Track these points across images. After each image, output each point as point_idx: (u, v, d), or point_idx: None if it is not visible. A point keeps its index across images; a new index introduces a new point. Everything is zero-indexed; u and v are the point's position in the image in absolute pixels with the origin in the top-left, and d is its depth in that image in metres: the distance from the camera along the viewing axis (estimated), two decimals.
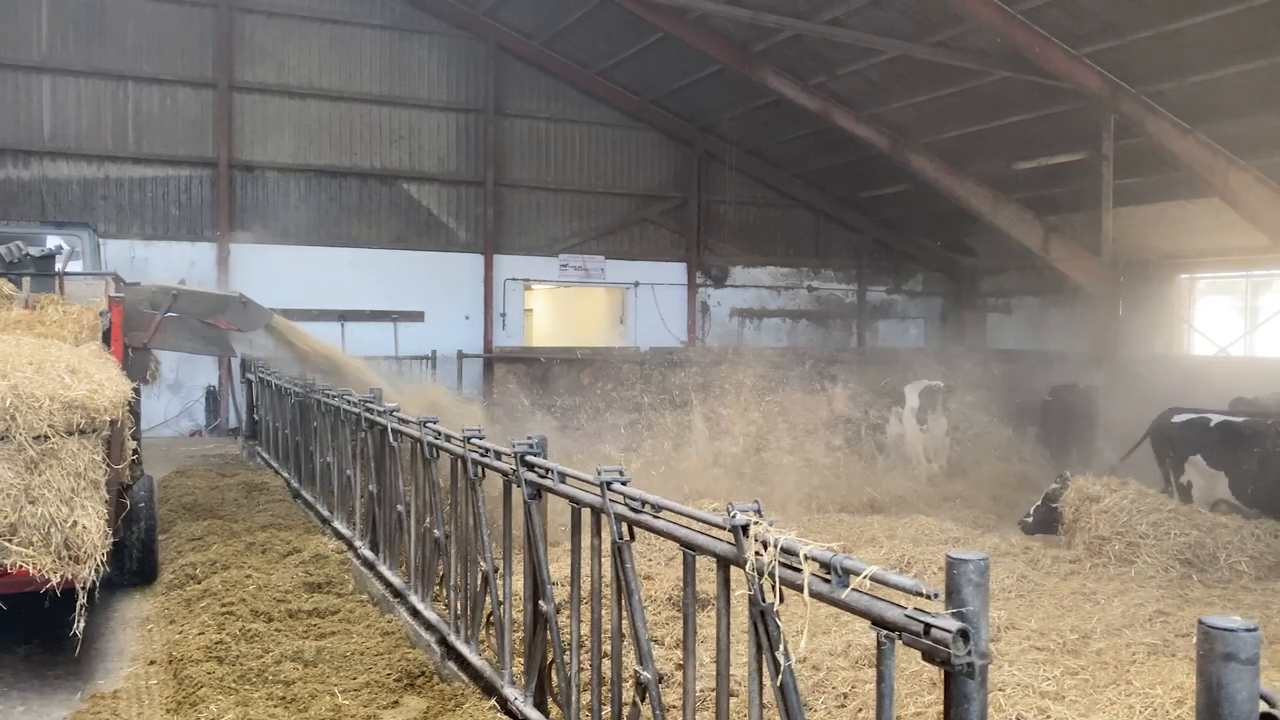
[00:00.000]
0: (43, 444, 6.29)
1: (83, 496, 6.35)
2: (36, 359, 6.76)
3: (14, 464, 6.22)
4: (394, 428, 7.85)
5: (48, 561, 6.16)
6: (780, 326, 26.37)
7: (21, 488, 6.22)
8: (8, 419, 6.18)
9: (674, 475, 14.58)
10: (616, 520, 4.16)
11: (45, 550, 6.17)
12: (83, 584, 6.21)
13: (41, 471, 6.29)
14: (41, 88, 19.65)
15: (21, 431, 6.21)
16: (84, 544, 6.22)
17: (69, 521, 6.24)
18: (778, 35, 18.87)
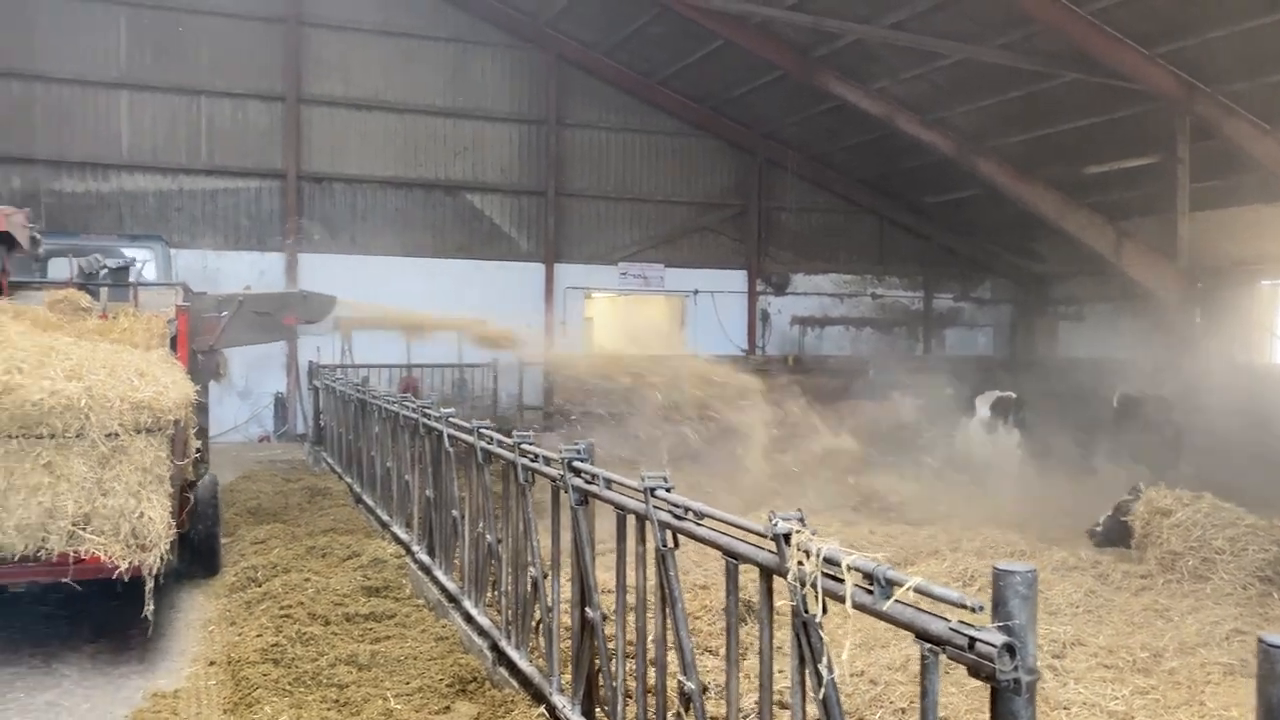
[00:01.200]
0: (113, 441, 6.75)
1: (149, 490, 6.83)
2: (109, 363, 7.17)
3: (88, 459, 6.70)
4: (449, 433, 7.90)
5: (117, 549, 6.61)
6: (843, 334, 26.06)
7: (94, 481, 6.71)
8: (83, 418, 6.64)
9: (734, 485, 14.48)
10: (660, 527, 4.10)
11: (115, 539, 6.63)
12: (149, 571, 6.64)
13: (112, 466, 6.77)
14: (120, 103, 20.32)
15: (95, 429, 6.67)
16: (150, 533, 6.68)
17: (136, 512, 6.72)
18: (839, 40, 18.68)
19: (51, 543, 6.62)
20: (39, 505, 6.62)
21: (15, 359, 6.80)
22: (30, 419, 6.62)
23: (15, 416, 6.58)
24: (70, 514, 6.64)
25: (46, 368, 6.85)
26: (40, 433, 6.65)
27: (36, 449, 6.68)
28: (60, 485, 6.67)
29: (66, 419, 6.66)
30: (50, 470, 6.70)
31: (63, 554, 6.63)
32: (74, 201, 19.97)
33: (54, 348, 7.21)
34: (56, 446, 6.70)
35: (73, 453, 6.72)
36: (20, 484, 6.64)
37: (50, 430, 6.66)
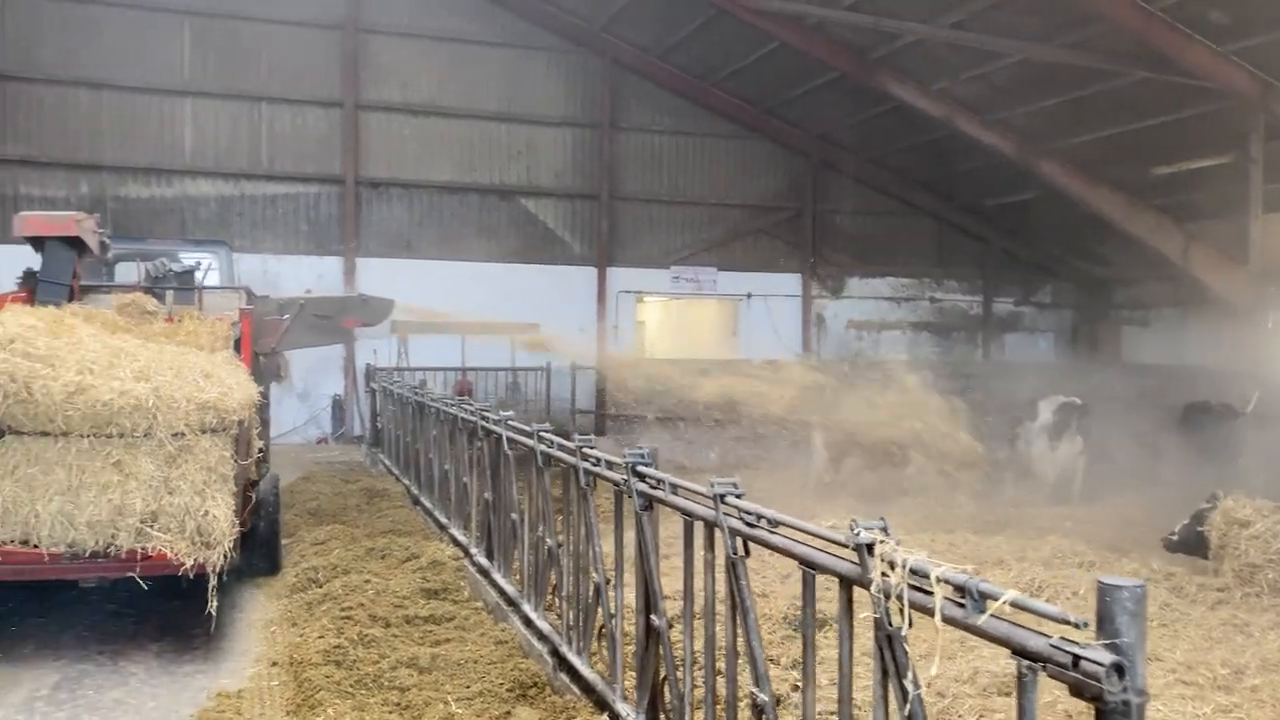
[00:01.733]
0: (180, 441, 6.97)
1: (213, 488, 7.01)
2: (176, 365, 7.37)
3: (155, 458, 6.92)
4: (509, 436, 7.88)
5: (183, 546, 6.78)
6: (900, 339, 25.68)
7: (161, 479, 6.92)
8: (150, 418, 6.85)
9: (791, 490, 14.30)
10: (731, 535, 4.01)
11: (181, 536, 6.81)
12: (213, 568, 6.81)
13: (178, 465, 6.98)
14: (184, 110, 20.72)
15: (162, 429, 6.89)
16: (214, 531, 6.85)
17: (201, 510, 6.90)
18: (898, 41, 18.41)
19: (120, 539, 6.79)
20: (109, 502, 6.79)
21: (86, 360, 6.99)
22: (100, 419, 6.80)
23: (86, 416, 6.77)
24: (138, 511, 6.81)
25: (116, 369, 7.03)
26: (110, 432, 6.85)
27: (106, 448, 6.88)
28: (129, 483, 6.86)
29: (135, 419, 6.84)
30: (119, 468, 6.88)
31: (131, 550, 6.80)
32: (139, 206, 20.39)
33: (123, 349, 7.39)
34: (125, 445, 6.90)
35: (141, 452, 6.91)
36: (91, 481, 6.82)
37: (119, 430, 6.85)
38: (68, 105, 19.92)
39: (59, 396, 6.73)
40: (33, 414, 6.77)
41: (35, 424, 6.82)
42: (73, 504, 6.80)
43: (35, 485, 6.83)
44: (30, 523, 6.78)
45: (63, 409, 6.75)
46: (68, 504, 6.81)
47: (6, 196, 19.49)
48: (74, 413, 6.76)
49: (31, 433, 6.85)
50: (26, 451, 6.87)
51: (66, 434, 6.84)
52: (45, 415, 6.77)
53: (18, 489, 6.82)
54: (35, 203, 19.45)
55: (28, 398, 6.71)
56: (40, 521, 6.78)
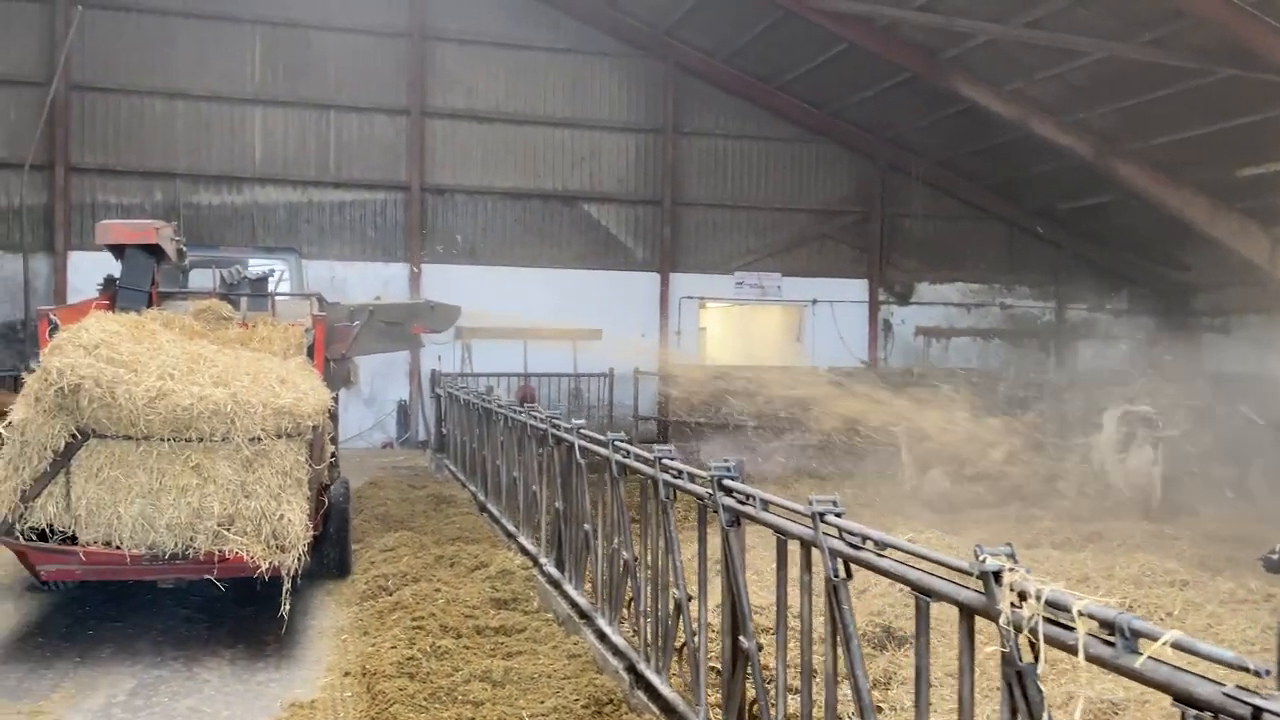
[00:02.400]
0: (256, 445, 7.07)
1: (288, 493, 7.10)
2: (252, 370, 7.52)
3: (233, 462, 7.04)
4: (581, 445, 7.73)
5: (259, 549, 6.89)
6: (970, 346, 25.08)
7: (238, 483, 7.03)
8: (228, 422, 6.99)
9: (861, 501, 13.98)
10: (831, 556, 3.79)
11: (257, 539, 6.93)
12: (287, 571, 6.88)
13: (255, 470, 7.09)
14: (254, 118, 21.03)
15: (239, 434, 7.01)
16: (289, 535, 6.95)
17: (277, 514, 7.01)
18: (971, 41, 17.97)
19: (199, 542, 6.94)
20: (187, 505, 6.95)
21: (167, 366, 7.19)
22: (180, 423, 6.94)
23: (167, 420, 6.92)
24: (216, 514, 6.94)
25: (195, 375, 7.18)
26: (189, 436, 6.98)
27: (186, 451, 7.02)
28: (207, 487, 6.99)
29: (214, 423, 6.97)
30: (198, 472, 7.02)
31: (209, 553, 6.92)
32: (210, 213, 20.73)
33: (202, 355, 7.56)
34: (204, 449, 7.03)
35: (219, 456, 7.03)
36: (171, 484, 6.97)
37: (198, 434, 6.99)
38: (143, 114, 20.33)
39: (141, 401, 6.86)
40: (116, 418, 6.90)
41: (118, 428, 6.95)
42: (153, 506, 6.94)
43: (118, 488, 6.96)
44: (113, 524, 6.92)
45: (144, 413, 6.88)
46: (148, 506, 6.95)
47: (85, 204, 19.94)
48: (155, 417, 6.89)
49: (115, 436, 6.97)
50: (110, 454, 7.00)
51: (148, 438, 6.96)
52: (128, 419, 6.90)
53: (101, 491, 6.96)
54: (112, 210, 19.89)
55: (111, 402, 6.85)
56: (122, 523, 6.91)
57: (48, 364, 6.98)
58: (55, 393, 6.86)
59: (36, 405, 6.93)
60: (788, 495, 13.77)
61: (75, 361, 6.94)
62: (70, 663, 6.98)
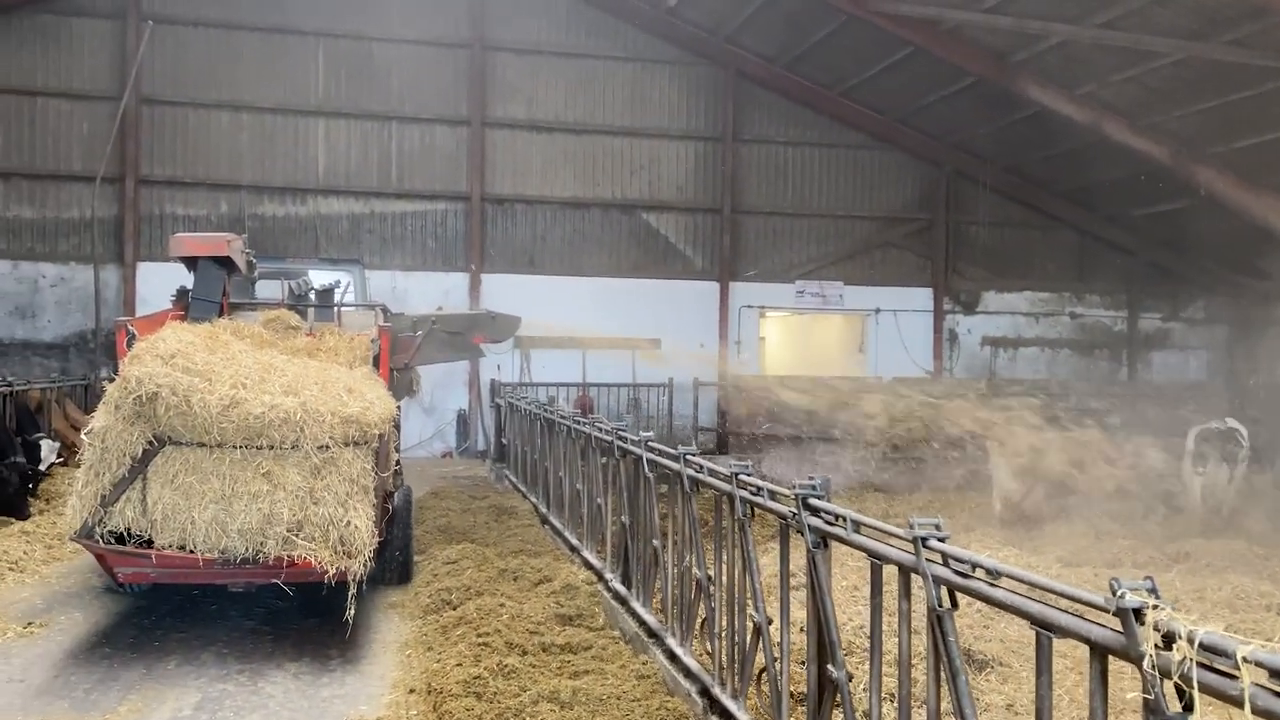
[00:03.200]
0: (324, 453, 7.23)
1: (355, 499, 7.23)
2: (320, 380, 7.70)
3: (302, 470, 7.19)
4: (650, 458, 7.53)
5: (326, 555, 7.02)
6: (1038, 356, 24.42)
7: (307, 490, 7.17)
8: (298, 430, 7.15)
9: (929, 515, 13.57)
10: (935, 583, 3.52)
11: (324, 545, 7.06)
12: (353, 576, 7.03)
13: (323, 476, 7.23)
14: (317, 130, 21.24)
15: (308, 441, 7.17)
16: (355, 541, 7.08)
17: (344, 521, 7.13)
18: (1042, 43, 17.47)
19: (268, 547, 7.07)
20: (258, 511, 7.09)
21: (240, 375, 7.38)
22: (252, 431, 7.11)
23: (239, 428, 7.11)
24: (285, 520, 7.07)
25: (266, 384, 7.38)
26: (260, 444, 7.16)
27: (257, 459, 7.18)
28: (277, 493, 7.12)
29: (284, 431, 7.13)
30: (268, 479, 7.16)
31: (278, 558, 7.06)
32: (274, 224, 20.97)
33: (273, 365, 7.72)
34: (274, 457, 7.18)
35: (288, 463, 7.18)
36: (243, 491, 7.12)
37: (269, 441, 7.15)
38: (210, 127, 20.65)
39: (215, 409, 7.05)
40: (191, 425, 7.10)
41: (193, 435, 7.15)
42: (225, 512, 7.10)
43: (192, 493, 7.13)
44: (187, 529, 7.09)
45: (218, 421, 7.07)
46: (221, 512, 7.11)
47: (153, 216, 20.30)
48: (228, 425, 7.08)
49: (190, 443, 7.18)
50: (185, 461, 7.19)
51: (221, 445, 7.15)
52: (202, 427, 7.09)
53: (176, 496, 7.13)
54: (180, 221, 20.23)
55: (187, 410, 7.04)
56: (196, 528, 7.08)
57: (127, 373, 7.19)
58: (134, 401, 7.07)
59: (116, 413, 7.15)
60: (857, 509, 13.37)
61: (153, 371, 7.13)
62: (137, 674, 6.94)
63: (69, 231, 19.97)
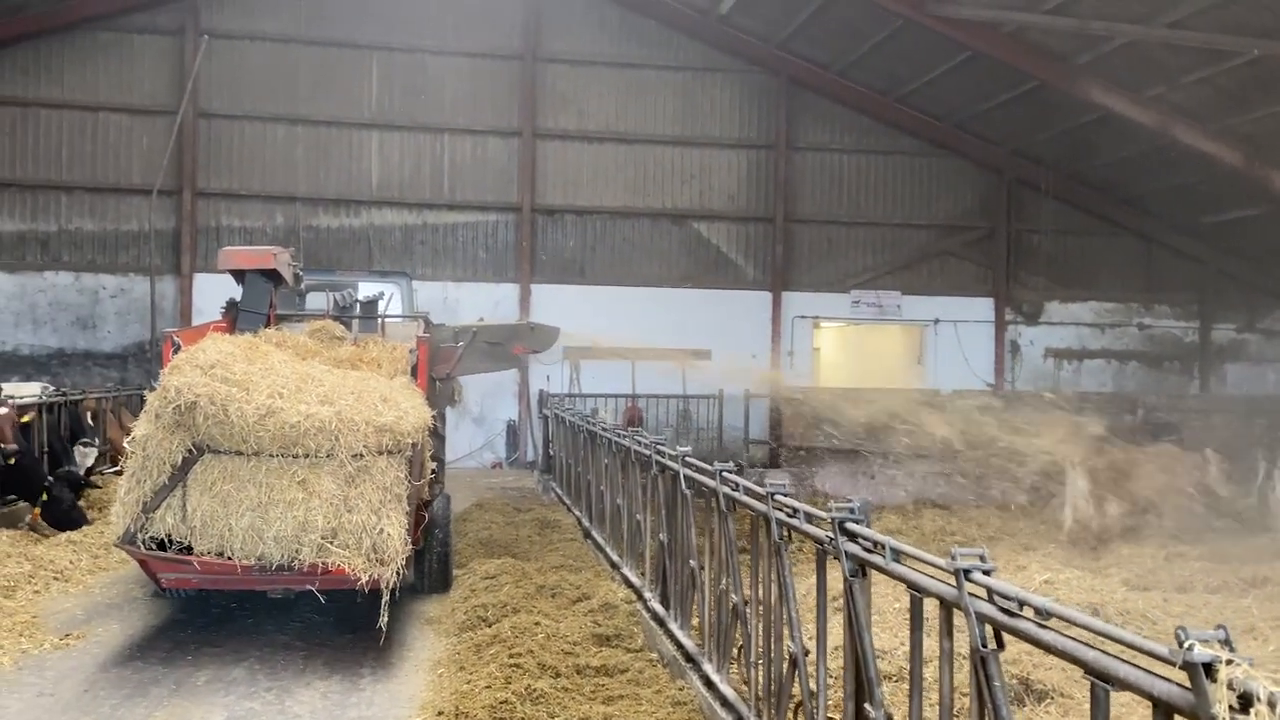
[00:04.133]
0: (358, 461, 7.32)
1: (389, 508, 7.32)
2: (357, 389, 7.85)
3: (336, 478, 7.28)
4: (686, 474, 7.26)
5: (359, 562, 7.11)
6: (1104, 369, 23.60)
7: (341, 498, 7.26)
8: (333, 439, 7.25)
9: (992, 536, 13.10)
10: (979, 621, 3.20)
11: (358, 553, 7.14)
12: (386, 584, 7.10)
13: (357, 485, 7.33)
14: (371, 143, 21.39)
15: (343, 450, 7.27)
16: (388, 549, 7.16)
17: (377, 529, 7.21)
18: (1107, 44, 16.88)
19: (303, 555, 7.15)
20: (294, 519, 7.18)
21: (277, 385, 7.52)
22: (288, 439, 7.23)
23: (276, 437, 7.22)
24: (319, 528, 7.16)
25: (303, 393, 7.53)
26: (296, 452, 7.27)
27: (293, 467, 7.29)
28: (312, 501, 7.21)
29: (319, 440, 7.24)
30: (304, 487, 7.27)
31: (312, 565, 7.14)
32: (328, 236, 21.13)
33: (310, 375, 7.88)
34: (309, 465, 7.29)
35: (323, 471, 7.28)
36: (278, 498, 7.22)
37: (305, 450, 7.26)
38: (265, 140, 20.90)
39: (252, 418, 7.17)
40: (228, 434, 7.23)
41: (231, 443, 7.27)
42: (262, 519, 7.19)
43: (230, 501, 7.24)
44: (225, 536, 7.19)
45: (255, 430, 7.19)
46: (257, 519, 7.19)
47: (210, 228, 20.59)
48: (265, 433, 7.20)
49: (228, 452, 7.29)
50: (223, 469, 7.31)
51: (258, 453, 7.27)
52: (239, 435, 7.21)
53: (215, 504, 7.25)
54: (235, 233, 20.48)
55: (224, 419, 7.17)
56: (233, 535, 7.18)
57: (166, 383, 7.36)
58: (173, 410, 7.21)
59: (156, 421, 7.30)
60: (910, 527, 12.88)
61: (192, 380, 7.28)
62: (166, 690, 6.84)
63: (128, 244, 20.34)
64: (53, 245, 20.23)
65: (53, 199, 20.22)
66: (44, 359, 19.95)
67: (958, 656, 3.64)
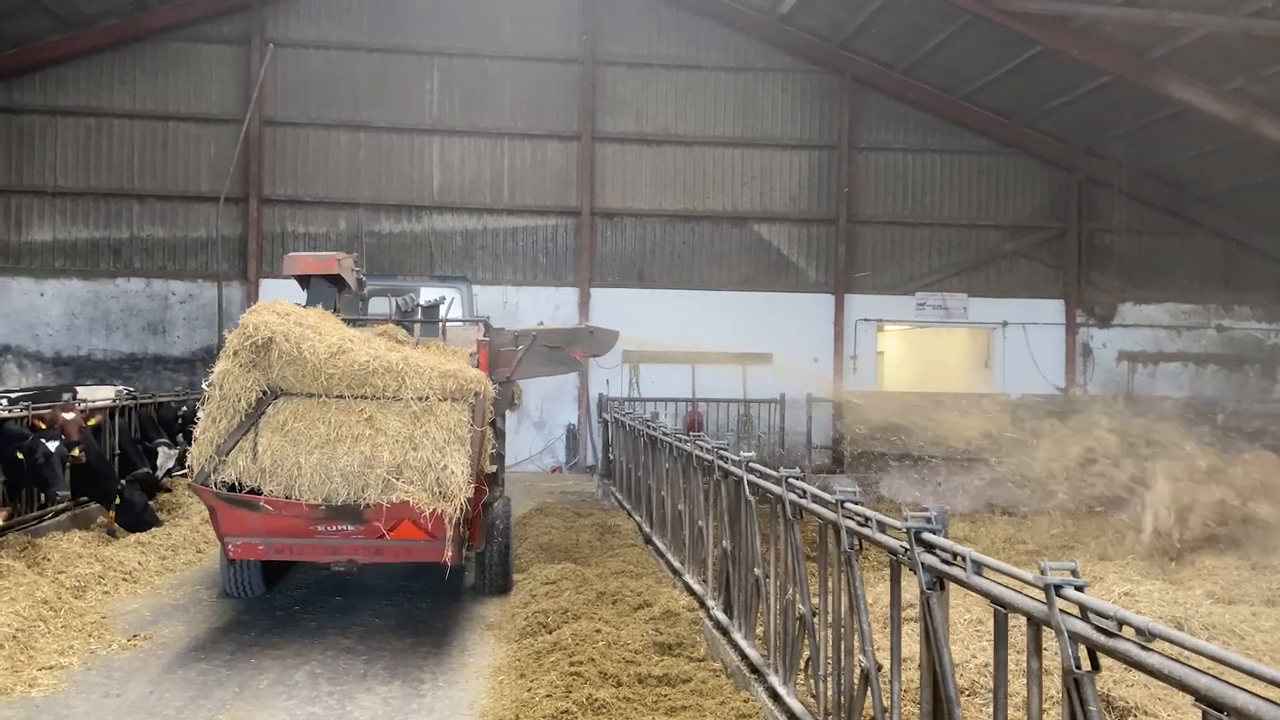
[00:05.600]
0: (424, 403, 7.68)
1: (452, 448, 7.58)
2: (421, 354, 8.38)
3: (402, 418, 7.64)
4: (751, 480, 7.08)
5: (424, 496, 7.37)
6: (1181, 372, 22.80)
7: (406, 436, 7.57)
8: (399, 380, 7.66)
9: (1065, 544, 12.66)
10: (1072, 640, 2.99)
11: (422, 487, 7.40)
12: (449, 519, 7.34)
13: (422, 424, 7.65)
14: (432, 148, 21.54)
15: (409, 391, 7.66)
16: (451, 485, 7.42)
17: (441, 465, 7.48)
18: (1184, 36, 16.29)
19: (369, 492, 7.39)
20: (360, 454, 7.45)
21: (346, 335, 8.06)
22: (357, 379, 7.64)
23: (345, 375, 7.62)
24: (385, 463, 7.43)
25: (371, 345, 8.00)
26: (364, 392, 7.66)
27: (361, 406, 7.66)
28: (378, 438, 7.52)
29: (386, 380, 7.64)
30: (371, 424, 7.59)
31: (377, 506, 7.38)
32: (390, 241, 21.33)
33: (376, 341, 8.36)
34: (377, 405, 7.66)
35: (390, 411, 7.64)
36: (346, 435, 7.53)
37: (372, 390, 7.65)
38: (328, 146, 21.18)
39: (323, 355, 7.58)
40: (300, 374, 7.62)
41: (302, 384, 7.66)
42: (330, 456, 7.44)
43: (299, 439, 7.52)
44: (293, 475, 7.44)
45: (325, 367, 7.58)
46: (325, 457, 7.46)
47: (275, 234, 20.90)
48: (335, 371, 7.59)
49: (299, 394, 7.68)
50: (294, 410, 7.65)
51: (328, 393, 7.66)
52: (311, 375, 7.61)
53: (285, 443, 7.53)
54: (300, 239, 20.77)
55: (298, 355, 7.55)
56: (302, 473, 7.43)
57: (245, 321, 7.79)
58: (250, 346, 7.60)
59: (234, 359, 7.66)
60: (979, 535, 12.45)
61: (269, 320, 7.72)
62: (230, 692, 6.86)
63: (197, 250, 20.75)
64: (125, 252, 20.72)
65: (125, 207, 20.72)
66: (116, 363, 20.44)
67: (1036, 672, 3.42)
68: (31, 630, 7.59)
